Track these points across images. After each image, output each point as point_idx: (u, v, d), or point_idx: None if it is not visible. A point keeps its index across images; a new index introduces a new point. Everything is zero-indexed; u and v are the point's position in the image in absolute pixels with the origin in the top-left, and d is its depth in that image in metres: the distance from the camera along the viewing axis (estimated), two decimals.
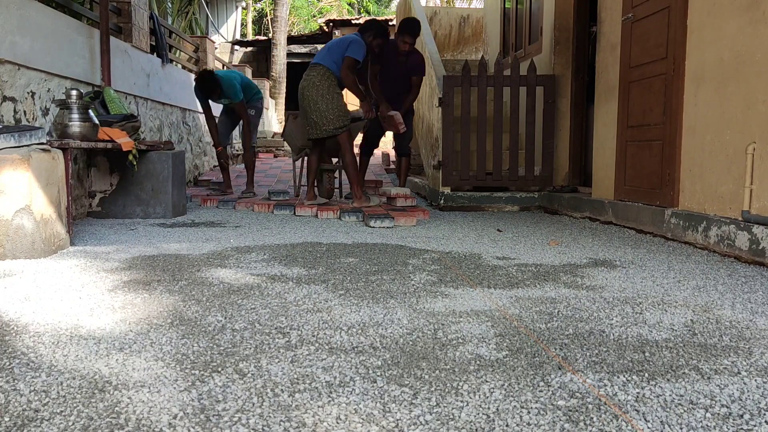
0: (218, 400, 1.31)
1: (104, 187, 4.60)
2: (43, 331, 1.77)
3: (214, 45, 9.51)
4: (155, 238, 3.64)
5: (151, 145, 4.57)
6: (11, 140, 2.98)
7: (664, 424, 1.21)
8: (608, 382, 1.43)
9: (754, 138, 3.05)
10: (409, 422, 1.22)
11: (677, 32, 3.69)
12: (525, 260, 3.00)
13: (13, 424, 1.19)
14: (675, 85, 3.72)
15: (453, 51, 10.43)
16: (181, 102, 7.13)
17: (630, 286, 2.43)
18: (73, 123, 3.59)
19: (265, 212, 5.11)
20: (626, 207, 4.21)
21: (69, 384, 1.38)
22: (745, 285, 2.47)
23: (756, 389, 1.39)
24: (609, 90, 4.62)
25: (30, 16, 3.92)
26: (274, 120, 13.92)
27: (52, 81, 4.22)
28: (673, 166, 3.73)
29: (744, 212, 3.07)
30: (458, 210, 5.56)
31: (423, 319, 1.93)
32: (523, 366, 1.53)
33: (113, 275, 2.54)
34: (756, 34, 3.05)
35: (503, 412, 1.27)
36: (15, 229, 2.82)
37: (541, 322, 1.91)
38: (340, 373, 1.46)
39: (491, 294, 2.29)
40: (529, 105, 5.57)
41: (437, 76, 5.88)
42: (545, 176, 5.65)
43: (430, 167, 6.37)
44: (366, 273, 2.64)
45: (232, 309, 2.03)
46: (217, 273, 2.60)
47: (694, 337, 1.77)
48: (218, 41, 14.99)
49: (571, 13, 5.67)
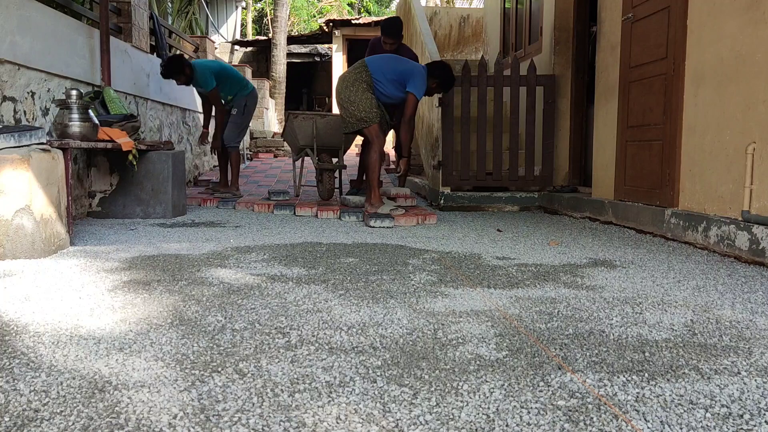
0: (218, 400, 1.31)
1: (104, 187, 4.60)
2: (43, 331, 1.77)
3: (214, 45, 9.51)
4: (155, 238, 3.63)
5: (151, 145, 4.57)
6: (11, 140, 2.98)
7: (664, 424, 1.21)
8: (608, 382, 1.43)
9: (754, 138, 3.05)
10: (409, 422, 1.22)
11: (677, 32, 3.69)
12: (525, 260, 3.00)
13: (13, 424, 1.19)
14: (675, 85, 3.72)
15: (453, 51, 10.43)
16: (181, 102, 7.13)
17: (630, 286, 2.43)
18: (73, 123, 3.59)
19: (265, 212, 5.11)
20: (626, 207, 4.21)
21: (69, 384, 1.38)
22: (745, 285, 2.47)
23: (756, 389, 1.39)
24: (609, 90, 4.62)
25: (30, 16, 3.91)
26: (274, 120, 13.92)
27: (52, 81, 4.22)
28: (673, 166, 3.73)
29: (744, 212, 3.07)
30: (458, 210, 5.56)
31: (423, 319, 1.93)
32: (523, 366, 1.53)
33: (113, 275, 2.54)
34: (756, 34, 3.05)
35: (503, 412, 1.27)
36: (15, 229, 2.82)
37: (541, 322, 1.91)
38: (340, 373, 1.46)
39: (491, 294, 2.29)
40: (529, 105, 5.57)
41: None
42: (545, 176, 5.64)
43: (430, 167, 6.37)
44: (366, 273, 2.64)
45: (232, 309, 2.02)
46: (217, 273, 2.60)
47: (694, 337, 1.77)
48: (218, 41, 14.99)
49: (571, 13, 5.67)
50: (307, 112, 5.58)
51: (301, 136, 5.33)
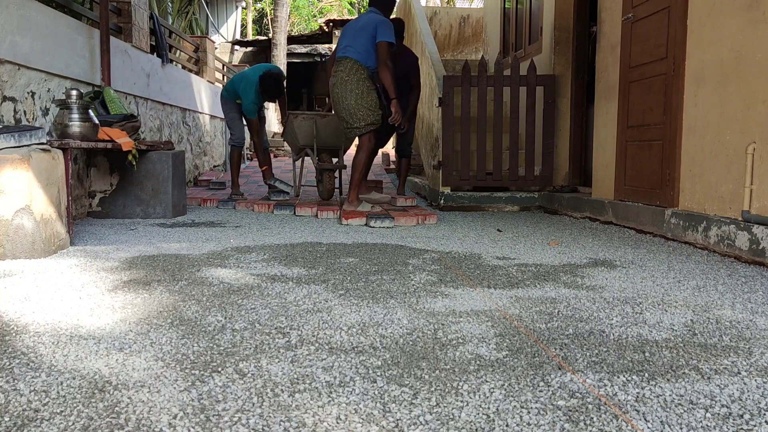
0: (218, 400, 1.31)
1: (104, 187, 4.60)
2: (43, 331, 1.77)
3: (214, 45, 9.50)
4: (155, 238, 3.64)
5: (151, 145, 4.57)
6: (11, 140, 2.98)
7: (664, 424, 1.21)
8: (608, 382, 1.43)
9: (754, 138, 3.05)
10: (409, 422, 1.22)
11: (677, 32, 3.69)
12: (525, 260, 3.00)
13: (13, 424, 1.19)
14: (675, 85, 3.72)
15: (453, 51, 10.44)
16: (181, 102, 7.13)
17: (630, 286, 2.43)
18: (73, 123, 3.59)
19: (265, 212, 5.11)
20: (626, 207, 4.21)
21: (69, 384, 1.38)
22: (745, 285, 2.47)
23: (756, 389, 1.39)
24: (609, 90, 4.62)
25: (30, 16, 3.91)
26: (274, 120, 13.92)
27: (52, 81, 4.22)
28: (673, 166, 3.73)
29: (744, 212, 3.07)
30: (458, 210, 5.56)
31: (423, 319, 1.93)
32: (523, 366, 1.53)
33: (113, 275, 2.54)
34: (756, 34, 3.05)
35: (503, 412, 1.27)
36: (15, 229, 2.82)
37: (541, 322, 1.91)
38: (340, 373, 1.46)
39: (491, 294, 2.29)
40: (529, 105, 5.57)
41: (437, 76, 5.88)
42: (545, 176, 5.64)
43: (430, 167, 6.37)
44: (366, 273, 2.64)
45: (232, 309, 2.02)
46: (217, 273, 2.60)
47: (694, 337, 1.77)
48: (218, 41, 14.99)
49: (571, 13, 5.67)
50: (307, 112, 5.56)
51: (302, 136, 5.33)
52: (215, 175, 7.72)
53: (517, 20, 7.27)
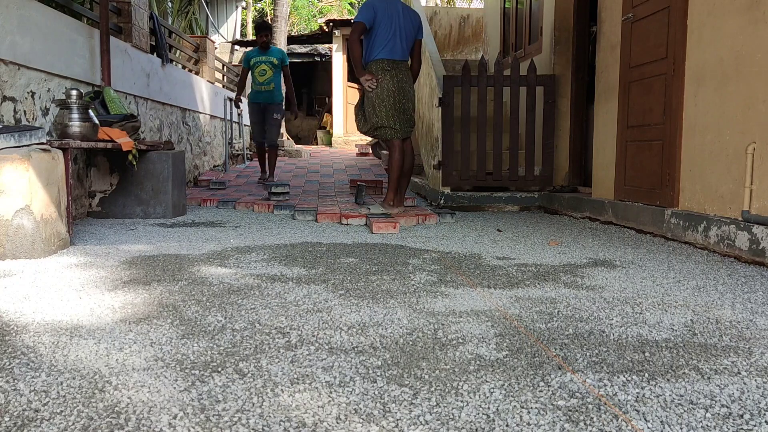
0: (218, 400, 1.31)
1: (104, 187, 4.60)
2: (43, 331, 1.77)
3: (214, 45, 9.50)
4: (155, 238, 3.64)
5: (151, 145, 4.57)
6: (11, 140, 2.98)
7: (664, 424, 1.21)
8: (608, 382, 1.43)
9: (754, 138, 3.05)
10: (409, 422, 1.22)
11: (677, 32, 3.69)
12: (525, 260, 3.00)
13: (13, 424, 1.19)
14: (675, 85, 3.72)
15: (453, 51, 10.44)
16: (181, 102, 7.13)
17: (630, 286, 2.43)
18: (73, 123, 3.59)
19: (265, 212, 5.11)
20: (626, 207, 4.21)
21: (69, 384, 1.38)
22: (745, 285, 2.47)
23: (756, 389, 1.39)
24: (609, 90, 4.62)
25: (30, 16, 3.91)
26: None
27: (52, 81, 4.22)
28: (673, 166, 3.73)
29: (744, 212, 3.07)
30: (458, 210, 5.56)
31: (423, 319, 1.93)
32: (523, 366, 1.53)
33: (113, 275, 2.54)
34: (756, 34, 3.05)
35: (503, 412, 1.27)
36: (15, 229, 2.82)
37: (541, 322, 1.91)
38: (340, 373, 1.46)
39: (491, 294, 2.29)
40: (529, 105, 5.57)
41: (437, 76, 5.87)
42: (545, 176, 5.64)
43: (430, 167, 6.37)
44: (366, 273, 2.64)
45: (232, 309, 2.02)
46: (217, 273, 2.60)
47: (694, 337, 1.77)
48: (218, 41, 14.98)
49: (571, 13, 5.67)
50: None
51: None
52: (215, 175, 7.72)
53: (517, 20, 7.27)
